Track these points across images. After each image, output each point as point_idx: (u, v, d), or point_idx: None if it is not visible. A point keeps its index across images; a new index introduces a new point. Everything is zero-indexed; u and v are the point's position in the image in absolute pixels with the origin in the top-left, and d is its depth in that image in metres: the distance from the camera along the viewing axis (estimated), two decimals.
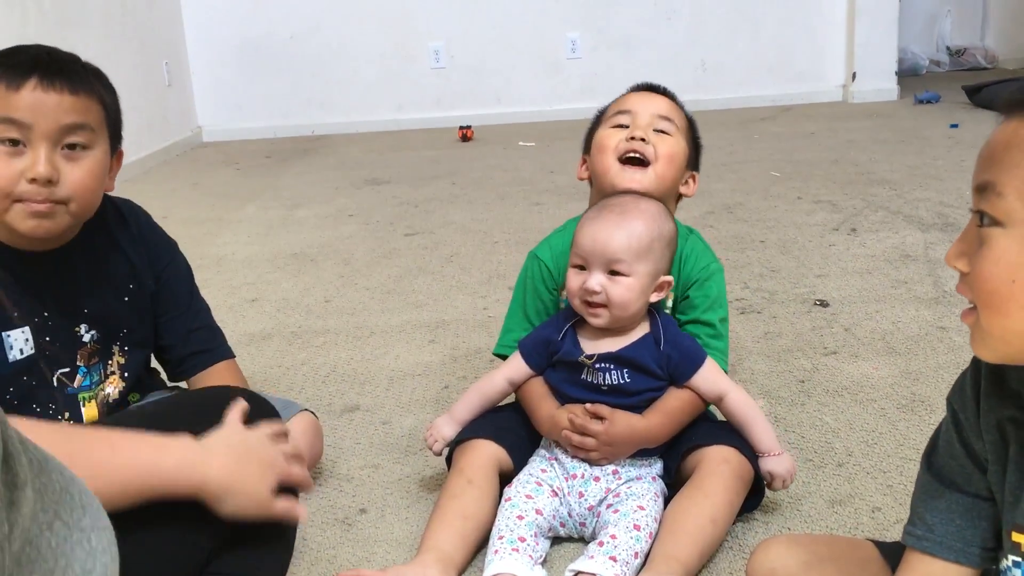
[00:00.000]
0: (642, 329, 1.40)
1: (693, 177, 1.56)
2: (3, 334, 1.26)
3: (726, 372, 1.45)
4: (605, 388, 1.38)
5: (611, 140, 1.49)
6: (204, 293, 1.55)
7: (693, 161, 1.56)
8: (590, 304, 1.37)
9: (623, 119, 1.50)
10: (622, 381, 1.37)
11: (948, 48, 7.06)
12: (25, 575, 0.53)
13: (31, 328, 1.29)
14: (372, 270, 2.86)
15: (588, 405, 1.37)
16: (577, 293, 1.38)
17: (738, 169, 4.00)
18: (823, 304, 2.33)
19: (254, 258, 3.06)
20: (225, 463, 0.98)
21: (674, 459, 1.41)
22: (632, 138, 1.46)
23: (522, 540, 1.30)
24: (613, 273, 1.35)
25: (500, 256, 2.92)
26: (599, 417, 1.35)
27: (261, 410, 1.12)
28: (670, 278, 1.41)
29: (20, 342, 1.28)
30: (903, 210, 3.17)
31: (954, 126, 4.66)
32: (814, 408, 1.78)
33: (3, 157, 1.19)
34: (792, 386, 1.88)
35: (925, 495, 0.92)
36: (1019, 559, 0.81)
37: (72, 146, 1.22)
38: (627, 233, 1.35)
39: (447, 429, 1.47)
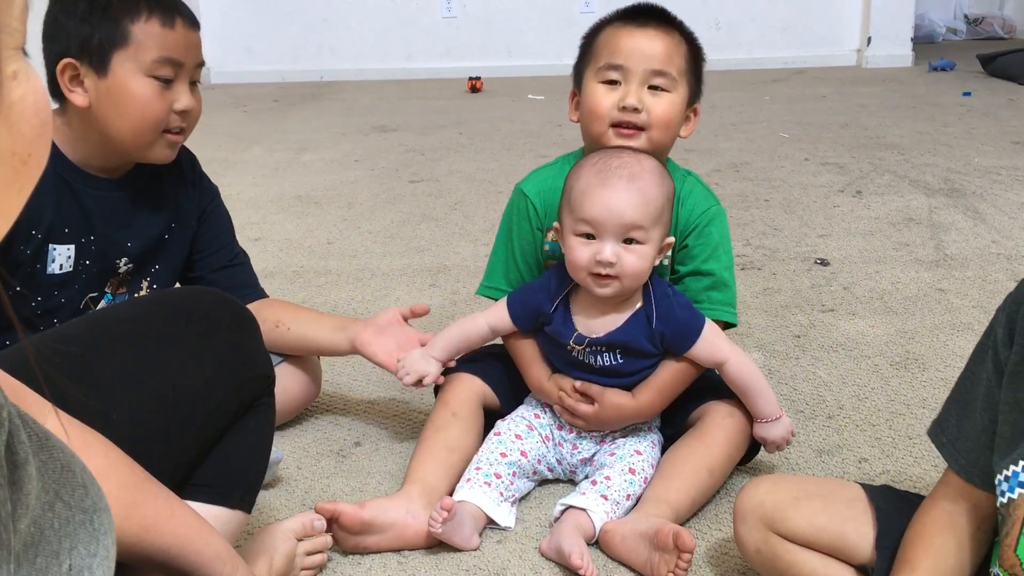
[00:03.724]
0: (634, 301, 1.32)
1: (695, 111, 1.43)
2: (50, 245, 1.30)
3: (734, 323, 1.40)
4: (597, 368, 1.34)
5: (603, 103, 1.34)
6: None
7: (694, 95, 1.41)
8: (601, 276, 1.27)
9: (614, 75, 1.34)
10: (614, 363, 1.33)
11: (966, 16, 6.97)
12: (31, 558, 0.50)
13: (76, 247, 1.32)
14: (375, 214, 2.87)
15: (578, 384, 1.34)
16: (587, 265, 1.26)
17: (747, 129, 3.98)
18: (823, 263, 2.34)
19: (259, 199, 3.07)
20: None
21: (681, 419, 1.40)
22: (624, 108, 1.33)
23: (497, 476, 1.31)
24: (627, 241, 1.26)
25: (503, 206, 2.90)
26: (589, 395, 1.33)
27: (236, 318, 1.13)
28: (671, 239, 1.33)
29: (63, 258, 1.31)
30: (910, 175, 3.16)
31: (967, 94, 4.62)
32: (808, 362, 1.80)
33: (159, 93, 1.27)
34: (788, 340, 1.90)
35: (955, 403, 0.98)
36: None
37: (193, 81, 1.33)
38: (643, 199, 1.25)
39: (422, 363, 1.39)
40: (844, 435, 1.53)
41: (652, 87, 1.34)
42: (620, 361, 1.32)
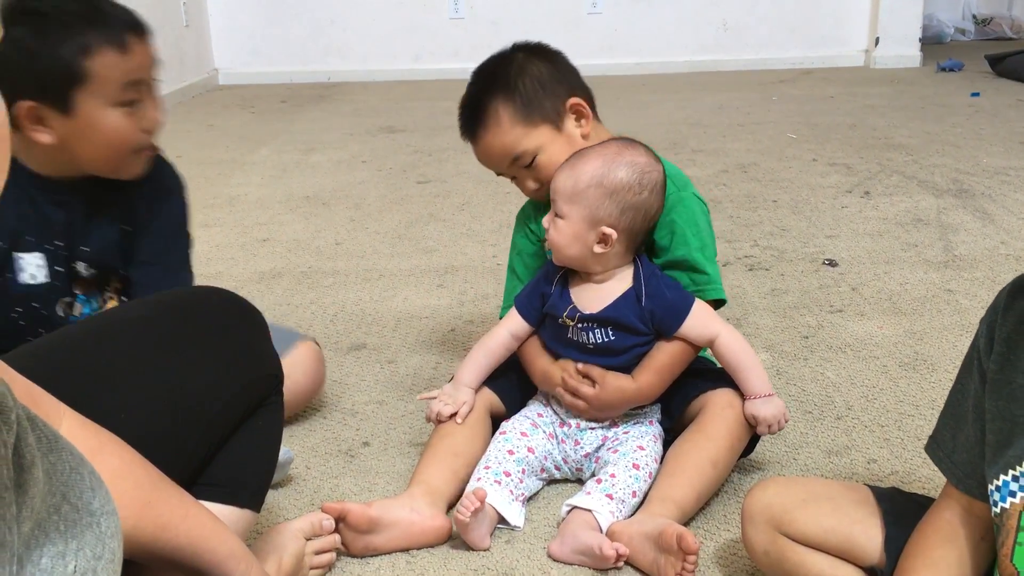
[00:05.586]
0: (624, 282, 1.36)
1: (571, 108, 1.45)
2: (15, 255, 1.29)
3: (723, 299, 1.42)
4: (591, 347, 1.36)
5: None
6: (215, 232, 1.56)
7: (554, 108, 1.44)
8: None
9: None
10: (607, 339, 1.35)
11: (974, 17, 6.94)
12: (36, 559, 0.51)
13: (45, 256, 1.31)
14: (383, 215, 2.87)
15: (580, 366, 1.36)
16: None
17: (754, 130, 3.97)
18: (832, 263, 2.33)
19: (267, 199, 3.07)
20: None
21: (679, 407, 1.42)
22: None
23: (507, 474, 1.32)
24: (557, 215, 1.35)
25: (511, 206, 2.90)
26: (591, 378, 1.35)
27: (245, 317, 1.13)
28: (610, 231, 1.31)
29: (32, 267, 1.30)
30: (918, 175, 3.15)
31: (975, 95, 4.60)
32: (816, 363, 1.80)
33: (127, 117, 1.24)
34: (796, 341, 1.89)
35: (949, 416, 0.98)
36: None
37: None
38: (566, 175, 1.33)
39: (455, 394, 1.41)
40: (853, 436, 1.53)
41: (523, 166, 1.46)
42: (612, 338, 1.35)
